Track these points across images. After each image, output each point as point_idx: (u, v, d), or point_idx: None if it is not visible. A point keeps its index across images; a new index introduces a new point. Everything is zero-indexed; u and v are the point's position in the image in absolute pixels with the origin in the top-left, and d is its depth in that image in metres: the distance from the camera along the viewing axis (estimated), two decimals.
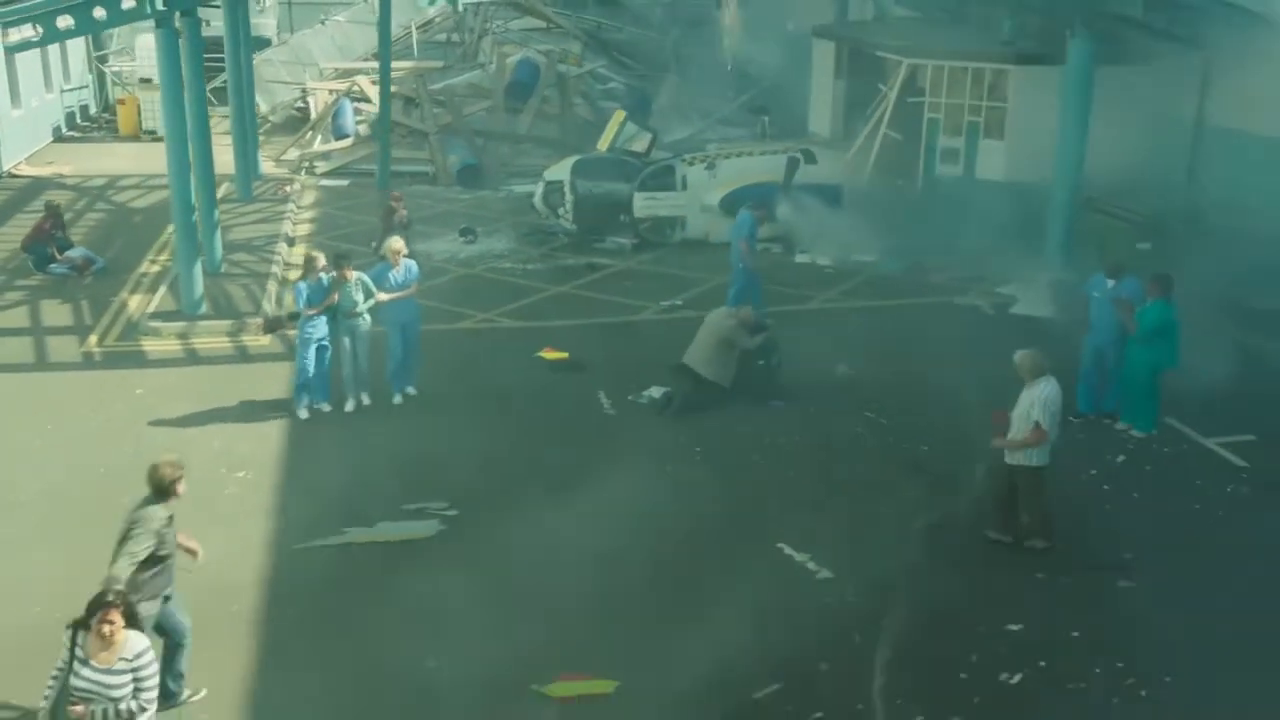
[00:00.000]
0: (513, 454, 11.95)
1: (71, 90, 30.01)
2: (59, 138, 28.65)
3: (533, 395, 13.54)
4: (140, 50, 28.43)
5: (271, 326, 15.50)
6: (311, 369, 12.74)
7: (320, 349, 12.79)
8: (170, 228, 20.60)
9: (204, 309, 15.77)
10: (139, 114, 29.08)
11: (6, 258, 18.58)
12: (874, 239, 18.31)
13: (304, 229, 20.76)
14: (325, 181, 24.61)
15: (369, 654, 8.65)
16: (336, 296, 12.74)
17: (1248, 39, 16.31)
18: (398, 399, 13.20)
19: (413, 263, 13.50)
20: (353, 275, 12.84)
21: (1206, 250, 15.86)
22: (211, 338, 15.25)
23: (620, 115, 20.47)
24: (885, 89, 20.31)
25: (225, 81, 23.16)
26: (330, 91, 27.10)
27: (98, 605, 6.47)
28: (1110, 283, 12.64)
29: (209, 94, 29.62)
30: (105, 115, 30.72)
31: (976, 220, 17.94)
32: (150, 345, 14.99)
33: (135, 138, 28.89)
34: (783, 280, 17.41)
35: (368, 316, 12.91)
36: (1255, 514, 10.83)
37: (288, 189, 23.24)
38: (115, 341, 15.14)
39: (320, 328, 12.78)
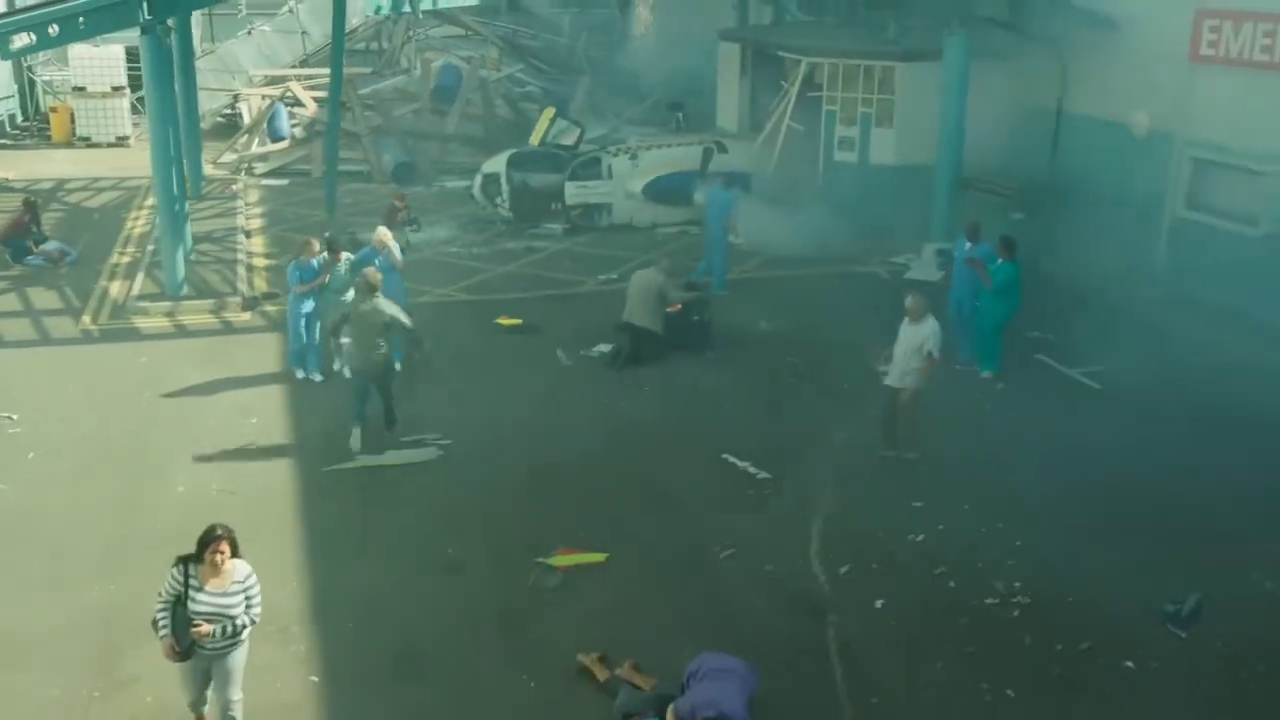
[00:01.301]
0: (490, 397, 13.84)
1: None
2: None
3: (497, 353, 15.44)
4: (74, 60, 29.51)
5: (250, 305, 17.15)
6: (304, 338, 14.36)
7: (309, 321, 14.41)
8: (131, 224, 22.23)
9: (185, 290, 17.31)
10: (72, 121, 30.15)
11: None
12: (782, 219, 20.52)
13: (256, 223, 22.26)
14: (266, 181, 26.05)
15: (399, 546, 10.49)
16: (327, 277, 14.38)
17: (1097, 38, 18.93)
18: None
19: (396, 247, 15.00)
20: (343, 258, 14.51)
21: (1068, 217, 18.53)
22: (196, 315, 16.81)
23: (550, 112, 22.43)
24: (787, 85, 22.56)
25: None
26: (264, 97, 28.49)
27: (209, 539, 7.24)
28: (968, 245, 14.93)
29: (135, 102, 31.04)
30: (36, 123, 31.54)
31: (871, 199, 20.36)
32: (142, 322, 16.50)
33: (68, 144, 29.91)
34: (703, 256, 19.51)
35: (351, 294, 14.54)
36: (1100, 419, 13.26)
37: (234, 187, 24.70)
38: (108, 321, 16.59)
39: (307, 304, 14.40)
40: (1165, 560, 10.23)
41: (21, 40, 15.30)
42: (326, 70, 29.48)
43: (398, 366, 13.54)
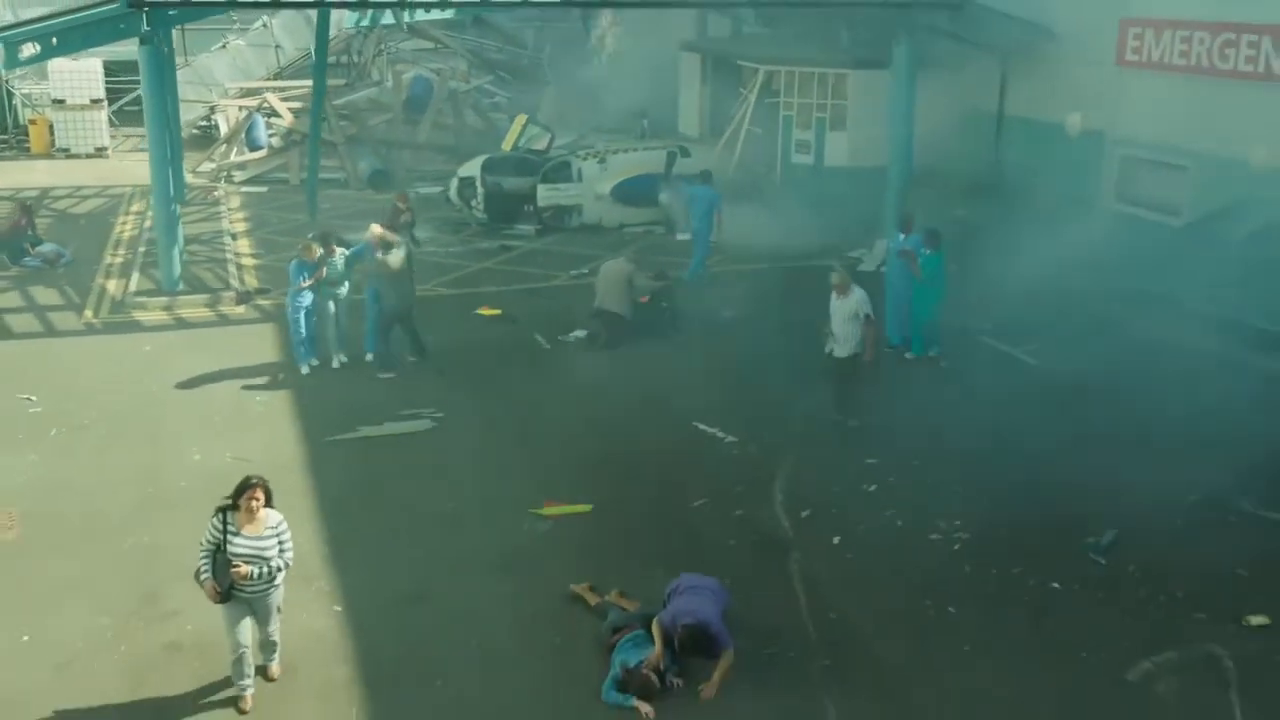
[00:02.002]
0: (477, 377, 14.94)
1: None
2: None
3: (481, 339, 16.55)
4: (53, 74, 30.32)
5: (243, 299, 18.15)
6: (304, 330, 15.33)
7: (307, 314, 15.37)
8: (119, 228, 23.13)
9: (181, 286, 18.27)
10: (51, 133, 30.95)
11: None
12: (742, 218, 21.74)
13: (241, 226, 23.23)
14: (245, 188, 27.00)
15: (402, 504, 11.54)
16: (325, 271, 15.36)
17: (1034, 45, 20.37)
18: (372, 357, 15.78)
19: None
20: (338, 252, 15.53)
21: (1009, 211, 19.87)
22: (193, 309, 17.77)
23: (522, 119, 23.62)
24: (746, 92, 23.87)
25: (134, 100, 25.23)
26: (241, 108, 29.44)
27: (245, 487, 8.06)
28: (902, 236, 16.16)
29: (111, 115, 31.89)
30: (15, 135, 32.28)
31: (827, 199, 21.66)
32: (141, 316, 17.45)
33: (48, 156, 30.70)
34: (670, 253, 20.72)
35: (346, 286, 15.54)
36: (1034, 388, 14.58)
37: (216, 194, 25.65)
38: (109, 315, 17.54)
39: (307, 298, 15.36)
40: (1087, 503, 11.49)
41: (28, 50, 16.22)
42: (301, 82, 30.64)
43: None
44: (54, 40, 16.67)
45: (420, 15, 23.27)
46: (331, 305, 15.38)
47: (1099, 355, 15.47)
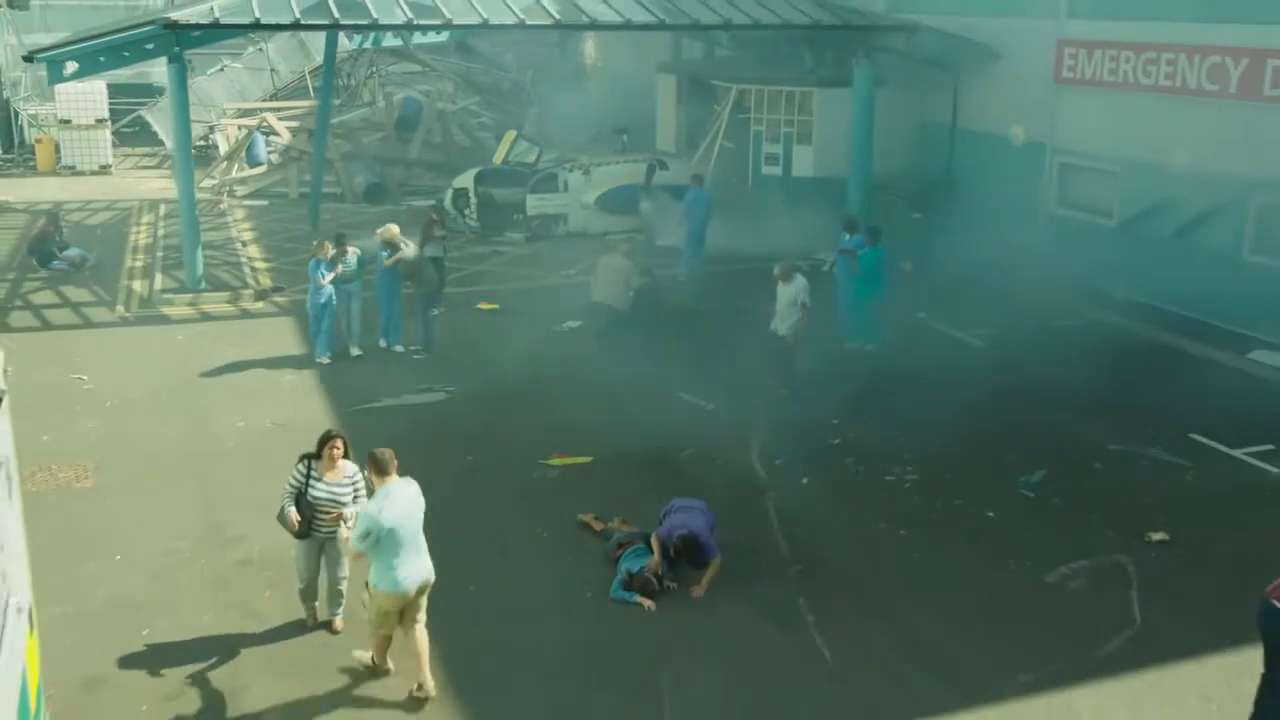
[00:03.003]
0: (483, 359, 16.60)
1: None
2: None
3: (483, 329, 18.23)
4: (60, 95, 31.88)
5: (261, 295, 19.78)
6: (323, 323, 16.88)
7: (326, 307, 16.90)
8: (134, 236, 24.70)
9: (203, 285, 19.87)
10: (57, 151, 32.49)
11: (8, 259, 22.22)
12: (717, 225, 23.54)
13: (248, 234, 24.86)
14: (247, 201, 28.60)
15: (426, 457, 13.02)
16: (341, 268, 16.94)
17: (982, 65, 22.34)
18: (383, 343, 17.39)
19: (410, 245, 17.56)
20: (351, 251, 17.13)
21: (961, 215, 21.76)
22: (217, 304, 19.39)
23: (511, 134, 25.41)
24: (719, 109, 25.75)
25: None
26: (240, 127, 31.09)
27: (327, 438, 9.24)
28: (847, 236, 17.90)
29: (114, 134, 33.46)
30: (21, 154, 33.77)
31: (794, 206, 23.49)
32: (169, 310, 19.05)
33: (54, 173, 32.22)
34: (650, 255, 22.47)
35: (358, 282, 17.12)
36: (979, 364, 16.42)
37: (221, 206, 27.27)
38: (140, 309, 19.13)
39: (325, 293, 16.94)
40: (1021, 453, 13.29)
41: (71, 67, 17.85)
42: (296, 103, 32.35)
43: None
44: (93, 59, 18.33)
45: (419, 38, 24.93)
46: (348, 300, 16.95)
47: (1038, 338, 17.35)
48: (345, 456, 9.40)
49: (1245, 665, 9.09)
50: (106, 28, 21.03)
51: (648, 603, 10.09)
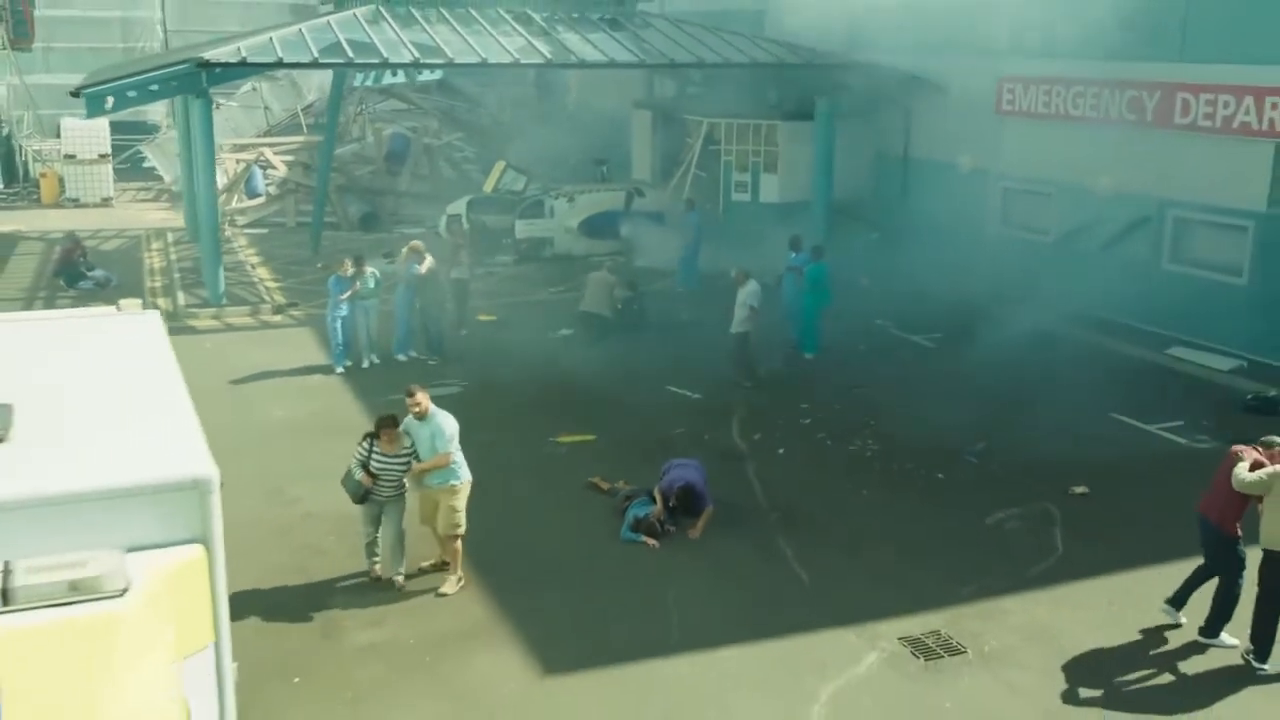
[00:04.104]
0: (488, 361, 18.51)
1: None
2: None
3: (485, 337, 20.13)
4: (65, 132, 33.63)
5: (278, 309, 21.61)
6: (341, 336, 18.61)
7: (344, 321, 18.62)
8: (149, 260, 26.44)
9: (224, 301, 21.67)
10: (60, 185, 34.16)
11: (34, 281, 23.93)
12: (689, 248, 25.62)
13: (255, 258, 26.67)
14: (248, 230, 30.41)
15: None
16: (358, 285, 18.72)
17: (931, 99, 24.63)
18: (401, 357, 19.16)
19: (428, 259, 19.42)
20: (368, 270, 18.94)
21: (914, 236, 23.96)
22: (239, 317, 21.20)
23: (501, 164, 27.41)
24: (691, 141, 27.93)
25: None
26: (239, 161, 32.92)
27: (384, 420, 10.83)
28: (793, 254, 19.90)
29: (116, 168, 35.13)
30: (26, 187, 35.41)
31: (762, 230, 25.59)
32: (195, 322, 20.84)
33: (57, 205, 33.86)
34: (631, 274, 24.48)
35: (376, 299, 18.89)
36: (930, 360, 18.51)
37: (225, 233, 29.04)
38: (168, 322, 20.72)
39: (344, 308, 18.68)
40: (967, 429, 15.32)
41: (109, 102, 19.71)
42: (292, 138, 34.23)
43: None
44: (128, 94, 20.20)
45: (425, 75, 26.91)
46: (365, 315, 18.65)
47: (983, 340, 19.44)
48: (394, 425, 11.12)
49: (1142, 578, 11.24)
50: (139, 66, 22.86)
51: (652, 542, 12.01)
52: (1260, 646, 9.87)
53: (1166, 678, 9.81)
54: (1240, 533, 10.08)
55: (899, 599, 10.92)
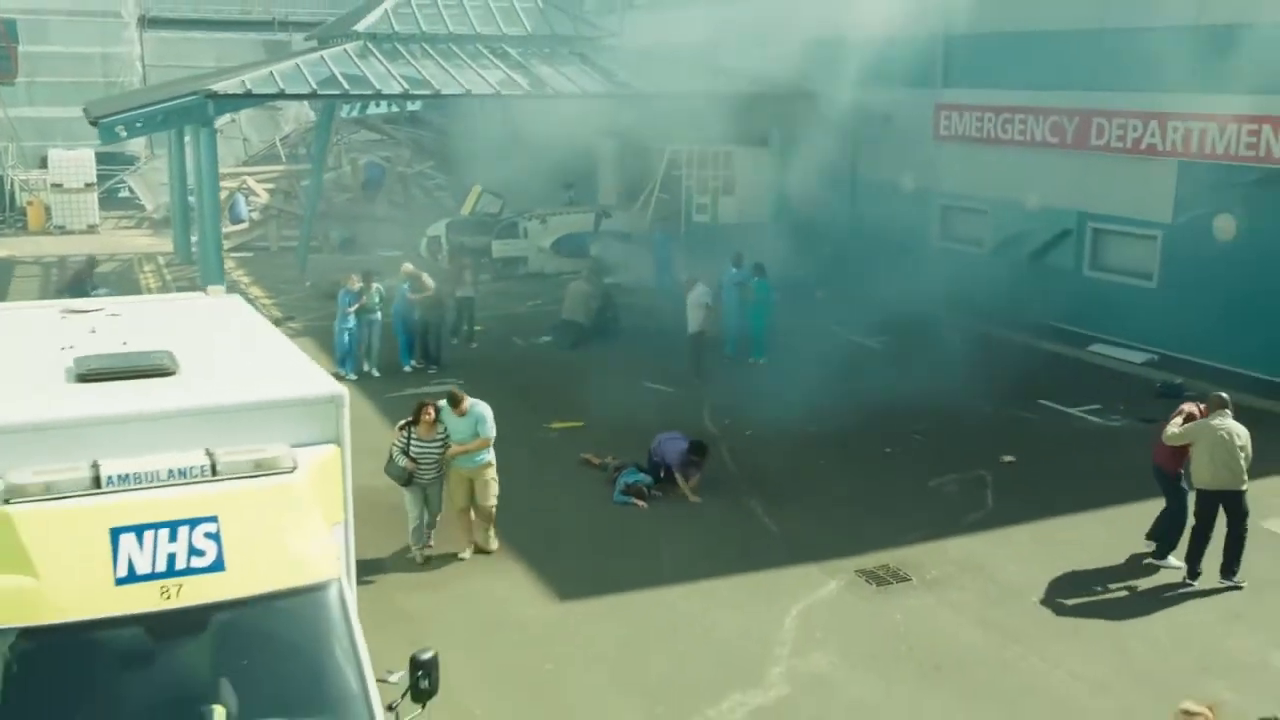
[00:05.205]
0: (480, 363, 20.34)
1: None
2: None
3: (475, 345, 21.96)
4: (52, 162, 35.14)
5: (277, 323, 23.21)
6: (346, 346, 20.24)
7: (350, 333, 20.28)
8: (144, 280, 28.01)
9: None
10: (47, 213, 35.60)
11: (41, 298, 25.38)
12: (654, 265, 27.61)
13: (245, 279, 28.30)
14: (233, 254, 31.99)
15: None
16: (364, 299, 20.41)
17: (876, 125, 26.83)
18: (406, 368, 20.88)
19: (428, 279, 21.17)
20: (373, 285, 20.64)
21: (862, 250, 26.08)
22: None
23: (478, 189, 29.30)
24: (656, 166, 30.02)
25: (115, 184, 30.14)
26: (222, 188, 34.49)
27: (420, 407, 12.12)
28: (734, 270, 21.89)
29: (100, 197, 36.62)
30: (13, 215, 36.80)
31: (721, 248, 27.62)
32: None
33: (45, 232, 35.30)
34: (605, 285, 26.39)
35: (379, 313, 20.60)
36: (877, 360, 20.59)
37: None
38: None
39: (351, 320, 20.35)
40: (913, 413, 17.35)
41: (121, 131, 21.41)
42: (271, 167, 35.94)
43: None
44: (137, 125, 21.91)
45: (412, 106, 28.76)
46: (370, 328, 20.30)
47: (926, 341, 21.53)
48: (437, 419, 12.48)
49: (1061, 524, 13.39)
50: (146, 98, 24.54)
51: (641, 503, 13.90)
52: (1191, 566, 11.97)
53: (1080, 594, 11.82)
54: (1182, 473, 12.19)
55: (854, 543, 12.86)
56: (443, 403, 12.66)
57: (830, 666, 10.30)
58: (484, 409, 12.67)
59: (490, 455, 12.75)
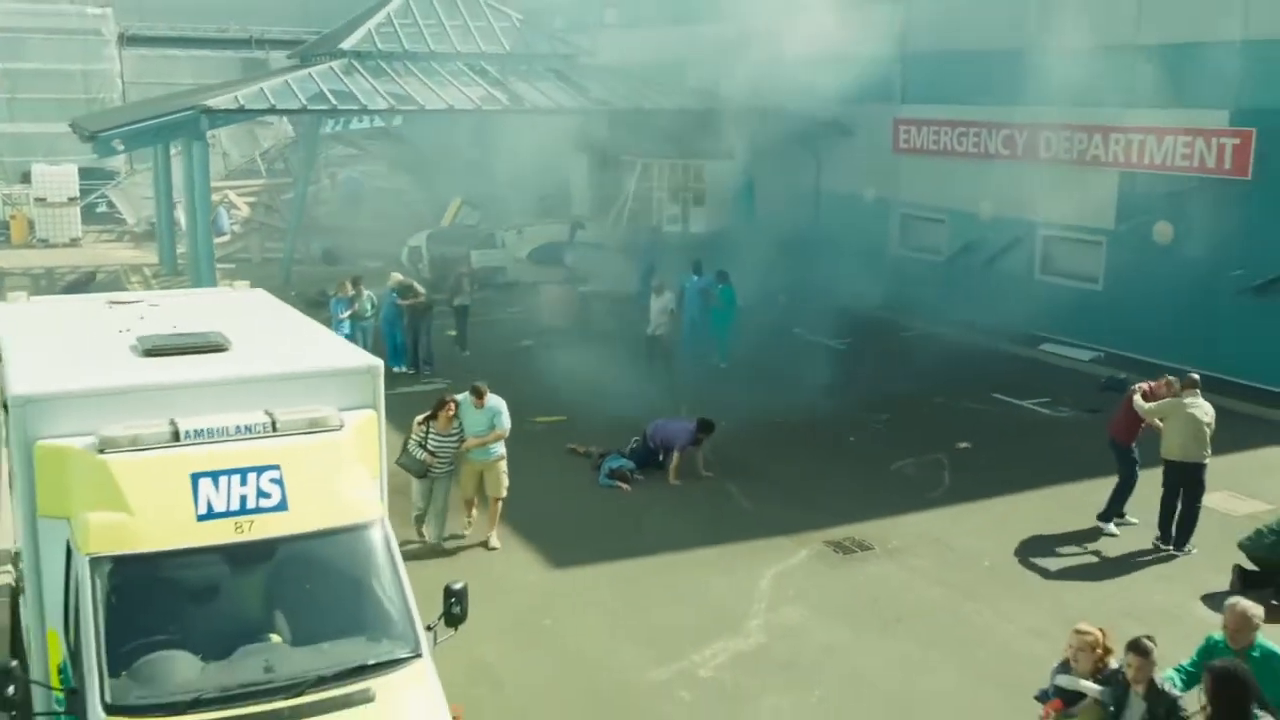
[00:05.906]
0: (467, 365, 21.37)
1: None
2: None
3: (459, 349, 23.01)
4: (36, 177, 35.88)
5: None
6: None
7: (346, 338, 21.22)
8: (133, 289, 28.79)
9: None
10: (30, 227, 36.31)
11: None
12: (628, 273, 28.73)
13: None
14: (218, 265, 32.81)
15: None
16: (357, 306, 21.39)
17: (838, 139, 28.15)
18: (395, 369, 21.83)
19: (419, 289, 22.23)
20: (365, 292, 21.64)
21: (826, 258, 27.31)
22: None
23: (458, 201, 30.38)
24: (628, 179, 31.23)
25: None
26: None
27: (440, 402, 13.16)
28: (695, 278, 23.07)
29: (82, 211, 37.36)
30: None
31: (691, 255, 28.82)
32: None
33: (28, 245, 35.99)
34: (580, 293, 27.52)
35: (371, 319, 21.60)
36: (841, 358, 21.81)
37: None
38: None
39: (345, 326, 21.32)
40: (873, 402, 18.58)
41: (118, 145, 22.33)
42: (252, 182, 36.86)
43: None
44: (133, 138, 22.83)
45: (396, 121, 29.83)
46: (363, 334, 21.24)
47: (887, 341, 22.88)
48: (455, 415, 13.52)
49: (1010, 501, 14.69)
50: (140, 113, 25.43)
51: (625, 486, 15.03)
52: (1164, 532, 13.22)
53: (1027, 559, 13.03)
54: (1133, 445, 13.49)
55: (822, 518, 14.02)
56: (462, 396, 13.49)
57: (802, 619, 11.44)
58: (500, 403, 13.57)
59: (503, 448, 13.59)
